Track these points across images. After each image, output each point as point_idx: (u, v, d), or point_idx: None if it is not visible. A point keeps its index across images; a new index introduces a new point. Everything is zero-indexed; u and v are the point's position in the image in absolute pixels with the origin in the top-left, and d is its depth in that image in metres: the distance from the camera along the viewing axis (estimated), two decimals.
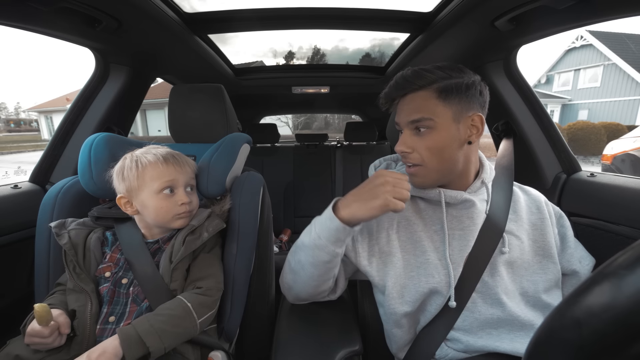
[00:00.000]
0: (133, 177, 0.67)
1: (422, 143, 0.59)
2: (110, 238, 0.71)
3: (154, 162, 0.68)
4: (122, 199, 0.69)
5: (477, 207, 0.63)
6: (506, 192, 0.67)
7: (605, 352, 0.16)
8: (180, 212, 0.69)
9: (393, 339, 0.66)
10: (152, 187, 0.67)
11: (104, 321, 0.62)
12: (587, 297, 0.18)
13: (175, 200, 0.68)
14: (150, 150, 0.71)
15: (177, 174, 0.69)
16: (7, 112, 65.11)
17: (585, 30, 12.70)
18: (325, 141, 2.32)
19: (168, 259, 0.67)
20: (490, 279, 0.59)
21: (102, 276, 0.66)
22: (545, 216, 0.66)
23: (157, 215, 0.68)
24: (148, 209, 0.68)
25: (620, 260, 0.17)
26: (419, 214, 0.66)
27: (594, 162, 8.34)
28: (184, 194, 0.70)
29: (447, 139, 0.59)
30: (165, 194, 0.68)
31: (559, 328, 0.19)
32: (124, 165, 0.69)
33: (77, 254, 0.65)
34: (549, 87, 15.23)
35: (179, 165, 0.71)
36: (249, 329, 0.80)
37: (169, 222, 0.69)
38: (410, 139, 0.61)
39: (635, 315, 0.15)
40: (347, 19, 1.06)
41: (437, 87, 0.58)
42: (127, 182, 0.67)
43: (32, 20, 0.75)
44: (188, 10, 0.95)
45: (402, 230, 0.65)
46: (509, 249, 0.61)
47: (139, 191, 0.67)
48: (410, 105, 0.60)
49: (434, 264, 0.61)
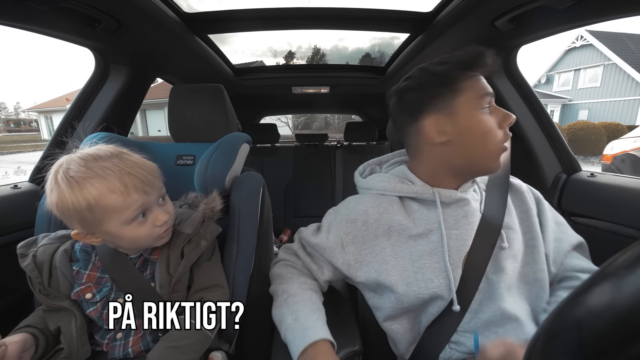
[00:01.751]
0: (84, 210, 0.51)
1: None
2: (80, 254, 0.62)
3: (109, 190, 0.51)
4: (79, 235, 0.55)
5: (471, 205, 0.62)
6: (502, 189, 0.65)
7: (606, 352, 0.16)
8: (162, 232, 0.60)
9: (396, 338, 0.65)
10: (119, 219, 0.54)
11: (112, 338, 0.61)
12: (587, 297, 0.18)
13: (151, 222, 0.57)
14: (92, 167, 0.52)
15: (145, 196, 0.55)
16: (7, 112, 65.14)
17: (585, 30, 12.70)
18: (325, 141, 2.32)
19: (166, 272, 0.62)
20: (494, 276, 0.58)
21: (83, 299, 0.59)
22: (530, 206, 0.65)
23: (135, 244, 0.59)
24: (121, 239, 0.57)
25: (620, 260, 0.17)
26: (412, 215, 0.62)
27: (594, 162, 8.34)
28: (159, 212, 0.59)
29: None
30: (138, 221, 0.56)
31: (559, 328, 0.19)
32: (63, 195, 0.50)
33: (43, 275, 0.58)
34: (549, 87, 15.23)
35: (144, 184, 0.55)
36: (249, 329, 0.80)
37: (151, 244, 0.61)
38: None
39: (635, 315, 0.15)
40: (347, 19, 1.06)
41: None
42: (78, 216, 0.52)
43: (32, 20, 0.75)
44: (188, 10, 0.95)
45: (394, 235, 0.61)
46: (509, 243, 0.60)
47: (101, 225, 0.53)
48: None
49: (432, 268, 0.58)
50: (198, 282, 0.65)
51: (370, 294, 0.65)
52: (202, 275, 0.66)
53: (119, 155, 0.56)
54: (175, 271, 0.62)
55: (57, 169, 0.53)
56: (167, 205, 0.62)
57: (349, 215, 0.64)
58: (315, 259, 0.69)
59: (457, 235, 0.60)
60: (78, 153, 0.55)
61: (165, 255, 0.64)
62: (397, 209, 0.62)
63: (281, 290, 0.64)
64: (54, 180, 0.52)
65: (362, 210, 0.63)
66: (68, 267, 0.61)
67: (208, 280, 0.66)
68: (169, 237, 0.63)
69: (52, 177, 0.53)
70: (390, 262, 0.60)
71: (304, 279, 0.67)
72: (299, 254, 0.71)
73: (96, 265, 0.62)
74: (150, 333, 0.63)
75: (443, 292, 0.57)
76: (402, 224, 0.61)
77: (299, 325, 0.56)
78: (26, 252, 0.60)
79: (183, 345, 0.58)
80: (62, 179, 0.51)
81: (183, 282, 0.64)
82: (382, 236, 0.61)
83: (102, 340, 0.61)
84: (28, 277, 0.58)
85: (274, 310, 0.62)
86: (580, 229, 0.84)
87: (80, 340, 0.58)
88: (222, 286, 0.68)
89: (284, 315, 0.59)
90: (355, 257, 0.62)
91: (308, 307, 0.59)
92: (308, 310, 0.59)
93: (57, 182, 0.51)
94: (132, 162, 0.56)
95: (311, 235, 0.68)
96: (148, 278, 0.63)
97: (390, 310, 0.61)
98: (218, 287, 0.67)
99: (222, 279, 0.69)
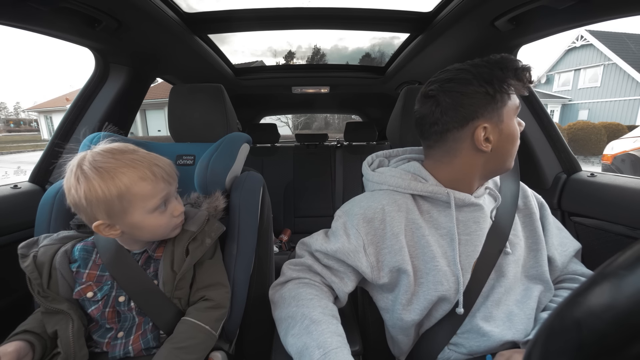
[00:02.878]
0: (115, 198, 0.54)
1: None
2: (79, 253, 0.62)
3: (140, 178, 0.56)
4: (101, 226, 0.56)
5: (483, 211, 0.61)
6: (513, 196, 0.66)
7: (606, 352, 0.16)
8: (178, 222, 0.64)
9: (396, 344, 0.66)
10: (145, 207, 0.57)
11: (113, 337, 0.61)
12: (587, 297, 0.18)
13: (170, 212, 0.62)
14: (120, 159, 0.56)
15: (169, 186, 0.61)
16: (7, 112, 65.15)
17: (585, 30, 12.70)
18: (325, 141, 2.32)
19: (170, 269, 0.63)
20: (495, 281, 0.60)
21: (85, 298, 0.60)
22: (533, 211, 0.66)
23: (154, 234, 0.62)
24: (142, 229, 0.59)
25: (620, 261, 0.17)
26: (424, 215, 0.61)
27: (594, 162, 8.34)
28: (177, 203, 0.64)
29: None
30: (160, 210, 0.60)
31: (559, 329, 0.19)
32: (93, 185, 0.53)
33: (42, 276, 0.58)
34: (549, 87, 15.23)
35: (168, 175, 0.61)
36: (249, 330, 0.80)
37: (167, 235, 0.64)
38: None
39: (635, 315, 0.15)
40: (347, 19, 1.06)
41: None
42: (106, 205, 0.54)
43: (32, 20, 0.75)
44: (188, 10, 0.95)
45: (409, 234, 0.60)
46: (512, 248, 0.61)
47: (126, 213, 0.56)
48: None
49: (443, 271, 0.57)
50: (200, 280, 0.66)
51: (384, 295, 0.64)
52: (205, 274, 0.67)
53: (140, 150, 0.61)
54: (180, 268, 0.63)
55: (79, 162, 0.54)
56: (179, 198, 0.67)
57: (365, 214, 0.60)
58: (335, 270, 0.62)
59: (468, 240, 0.60)
60: (98, 148, 0.57)
61: (170, 252, 0.65)
62: (412, 207, 0.60)
63: (301, 315, 0.54)
64: (80, 172, 0.53)
65: (379, 208, 0.60)
66: (67, 268, 0.61)
67: (210, 279, 0.67)
68: (180, 229, 0.66)
69: (75, 171, 0.54)
70: (407, 261, 0.58)
71: (325, 303, 0.58)
72: (314, 268, 0.62)
73: (96, 263, 0.63)
74: (151, 331, 0.63)
75: (451, 295, 0.57)
76: (417, 223, 0.59)
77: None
78: (27, 252, 0.60)
79: (188, 346, 0.58)
80: (90, 170, 0.53)
81: (187, 279, 0.65)
82: (399, 234, 0.59)
83: (102, 339, 0.61)
84: (27, 278, 0.59)
85: (291, 339, 0.53)
86: (580, 229, 0.84)
87: (77, 344, 0.58)
88: (225, 284, 0.69)
89: (308, 347, 0.50)
90: (376, 258, 0.59)
91: (337, 341, 0.51)
92: (337, 344, 0.50)
93: (84, 174, 0.53)
94: (154, 155, 0.61)
95: (325, 244, 0.62)
96: (151, 275, 0.64)
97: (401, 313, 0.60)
98: (220, 285, 0.68)
99: (224, 277, 0.70)
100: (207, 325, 0.62)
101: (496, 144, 0.56)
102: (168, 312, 0.63)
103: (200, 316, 0.62)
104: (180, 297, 0.64)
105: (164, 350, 0.58)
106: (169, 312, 0.63)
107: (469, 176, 0.60)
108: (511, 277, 0.60)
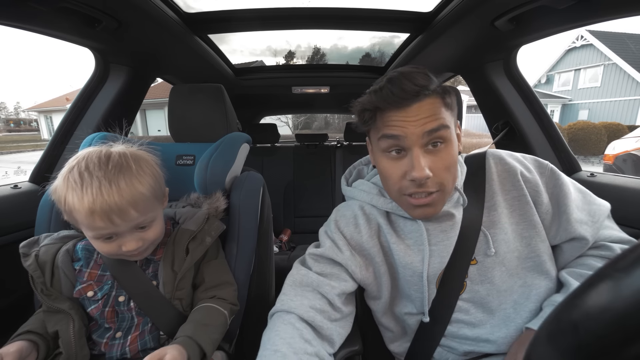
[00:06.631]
0: (65, 208, 0.53)
1: (440, 162, 0.49)
2: (82, 252, 0.62)
3: (79, 206, 0.50)
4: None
5: (454, 218, 0.56)
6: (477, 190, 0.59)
7: (603, 354, 0.16)
8: (129, 255, 0.58)
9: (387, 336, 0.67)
10: (87, 232, 0.55)
11: (111, 337, 0.61)
12: (584, 299, 0.18)
13: (118, 245, 0.56)
14: (84, 176, 0.51)
15: (112, 226, 0.53)
16: (7, 112, 65.18)
17: (586, 30, 12.68)
18: (325, 141, 2.32)
19: (170, 270, 0.63)
20: (480, 287, 0.56)
21: (85, 297, 0.60)
22: (523, 193, 0.56)
23: (107, 255, 0.59)
24: (95, 246, 0.58)
25: (617, 263, 0.18)
26: (392, 226, 0.59)
27: (594, 162, 8.34)
28: (129, 239, 0.56)
29: (456, 151, 0.52)
30: (104, 240, 0.55)
31: (557, 331, 0.19)
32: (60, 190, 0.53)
33: (45, 274, 0.58)
34: (549, 87, 15.22)
35: (115, 215, 0.52)
36: (249, 329, 0.81)
37: (127, 258, 0.60)
38: (425, 159, 0.48)
39: (632, 317, 0.15)
40: (346, 19, 1.06)
41: (441, 90, 0.50)
42: (62, 208, 0.54)
43: (32, 20, 0.75)
44: (188, 10, 0.95)
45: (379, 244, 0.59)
46: (495, 248, 0.55)
47: (78, 225, 0.56)
48: (420, 115, 0.48)
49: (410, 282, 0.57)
50: (209, 280, 0.67)
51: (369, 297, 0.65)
52: (212, 274, 0.68)
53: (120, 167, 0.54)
54: (180, 268, 0.63)
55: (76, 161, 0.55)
56: (147, 232, 0.58)
57: (340, 221, 0.61)
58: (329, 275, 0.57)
59: (433, 251, 0.56)
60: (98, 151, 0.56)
61: (170, 252, 0.65)
62: (381, 220, 0.59)
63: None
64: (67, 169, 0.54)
65: (352, 217, 0.61)
66: (70, 267, 0.61)
67: (218, 278, 0.68)
68: (144, 255, 0.62)
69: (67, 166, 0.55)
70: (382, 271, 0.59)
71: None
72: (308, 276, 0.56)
73: (97, 263, 0.63)
74: (150, 332, 0.63)
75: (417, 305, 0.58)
76: (385, 234, 0.59)
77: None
78: (28, 251, 0.60)
79: (212, 324, 0.61)
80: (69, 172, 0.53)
81: (188, 278, 0.65)
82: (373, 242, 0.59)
83: (101, 339, 0.61)
84: (30, 276, 0.59)
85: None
86: None
87: (79, 344, 0.59)
88: (232, 283, 0.71)
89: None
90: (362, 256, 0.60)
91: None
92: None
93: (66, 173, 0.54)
94: (118, 186, 0.52)
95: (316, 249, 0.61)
96: (150, 276, 0.64)
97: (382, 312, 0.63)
98: (228, 284, 0.70)
99: (230, 276, 0.72)
100: (226, 311, 0.65)
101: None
102: (167, 312, 0.63)
103: (217, 303, 0.65)
104: (181, 298, 0.64)
105: (189, 325, 0.59)
106: (169, 312, 0.63)
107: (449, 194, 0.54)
108: (498, 281, 0.56)
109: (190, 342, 0.55)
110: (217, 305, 0.64)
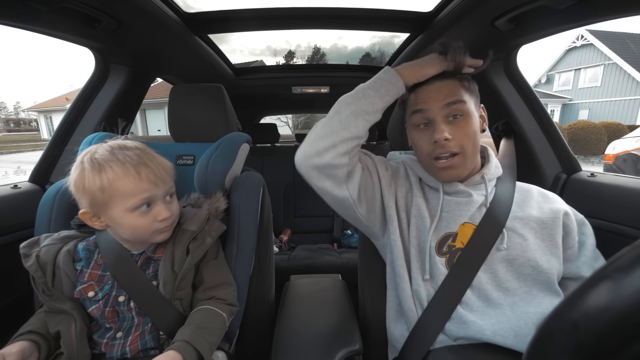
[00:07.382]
0: (97, 190, 0.55)
1: (460, 131, 0.60)
2: (83, 252, 0.63)
3: (124, 174, 0.56)
4: (86, 214, 0.59)
5: (471, 198, 0.64)
6: (509, 190, 0.66)
7: (603, 353, 0.16)
8: (161, 227, 0.61)
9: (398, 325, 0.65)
10: (125, 204, 0.57)
11: (111, 337, 0.61)
12: (584, 299, 0.18)
13: (153, 215, 0.59)
14: (116, 153, 0.57)
15: (155, 188, 0.59)
16: (7, 112, 65.19)
17: (586, 30, 12.69)
18: None
19: (170, 270, 0.63)
20: (482, 274, 0.59)
21: (86, 297, 0.60)
22: (558, 224, 0.61)
23: (134, 234, 0.60)
24: (121, 227, 0.59)
25: (617, 263, 0.18)
26: (420, 187, 0.70)
27: (594, 162, 8.34)
28: (163, 207, 0.60)
29: (476, 125, 0.62)
30: (142, 211, 0.58)
31: (557, 330, 0.19)
32: (83, 174, 0.56)
33: (46, 275, 0.59)
34: (549, 86, 15.23)
35: (156, 177, 0.59)
36: (249, 329, 0.81)
37: (148, 238, 0.62)
38: (446, 126, 0.60)
39: (632, 317, 0.15)
40: (346, 18, 1.06)
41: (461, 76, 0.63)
42: (89, 195, 0.56)
43: (32, 20, 0.75)
44: (188, 10, 0.95)
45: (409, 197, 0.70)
46: (507, 246, 0.59)
47: (107, 207, 0.57)
48: (441, 92, 0.61)
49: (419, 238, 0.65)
50: (208, 280, 0.67)
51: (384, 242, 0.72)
52: (212, 274, 0.68)
53: (142, 149, 0.62)
54: (181, 268, 0.63)
55: (85, 152, 0.59)
56: (172, 203, 0.64)
57: (389, 161, 0.75)
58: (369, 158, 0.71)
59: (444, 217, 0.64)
60: (107, 143, 0.60)
61: (170, 252, 0.65)
62: (414, 180, 0.71)
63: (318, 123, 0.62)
64: (80, 161, 0.58)
65: (397, 165, 0.74)
66: (71, 267, 0.61)
67: (218, 279, 0.68)
68: (167, 236, 0.64)
69: (79, 159, 0.58)
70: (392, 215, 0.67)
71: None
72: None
73: (98, 263, 0.63)
74: (150, 332, 0.63)
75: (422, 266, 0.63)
76: (414, 193, 0.69)
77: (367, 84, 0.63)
78: (29, 252, 0.60)
79: (210, 327, 0.60)
80: (87, 161, 0.57)
81: (188, 279, 0.65)
82: (404, 188, 0.70)
83: (102, 339, 0.61)
84: (31, 277, 0.59)
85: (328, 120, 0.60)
86: None
87: (80, 344, 0.58)
88: (231, 283, 0.71)
89: (342, 99, 0.62)
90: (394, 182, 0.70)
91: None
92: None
93: (82, 162, 0.57)
94: (151, 156, 0.61)
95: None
96: (150, 276, 0.64)
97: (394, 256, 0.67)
98: (228, 284, 0.70)
99: (230, 276, 0.72)
100: (224, 313, 0.65)
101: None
102: (167, 312, 0.63)
103: (216, 305, 0.65)
104: (182, 298, 0.64)
105: (187, 329, 0.58)
106: (169, 312, 0.63)
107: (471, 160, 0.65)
108: (501, 275, 0.59)
109: (187, 346, 0.55)
110: (216, 307, 0.64)
